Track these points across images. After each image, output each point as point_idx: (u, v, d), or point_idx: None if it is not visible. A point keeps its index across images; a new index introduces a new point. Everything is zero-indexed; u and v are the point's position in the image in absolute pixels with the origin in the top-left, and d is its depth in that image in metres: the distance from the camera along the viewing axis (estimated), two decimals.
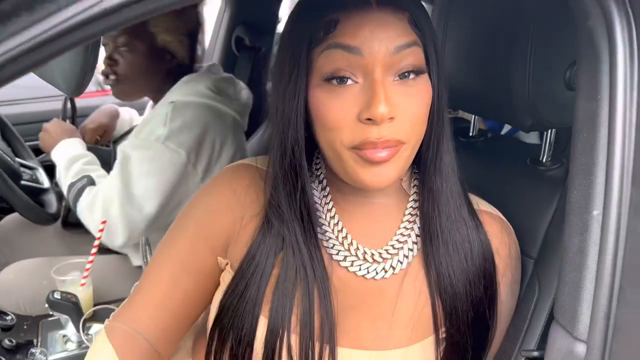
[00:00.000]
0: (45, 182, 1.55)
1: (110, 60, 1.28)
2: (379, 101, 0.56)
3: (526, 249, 0.78)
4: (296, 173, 0.65)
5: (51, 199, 1.51)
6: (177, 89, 1.28)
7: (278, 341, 0.66)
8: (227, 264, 0.73)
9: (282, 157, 0.65)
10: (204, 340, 0.78)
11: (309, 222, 0.67)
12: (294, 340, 0.66)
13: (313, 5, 0.62)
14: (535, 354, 0.63)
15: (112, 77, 1.29)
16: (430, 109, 0.63)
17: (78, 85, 0.80)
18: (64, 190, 1.29)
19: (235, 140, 1.31)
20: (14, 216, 1.64)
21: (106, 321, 0.77)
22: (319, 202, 0.70)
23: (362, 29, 0.58)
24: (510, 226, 0.76)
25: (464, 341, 0.70)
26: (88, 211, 1.21)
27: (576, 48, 0.58)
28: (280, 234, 0.67)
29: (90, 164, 1.30)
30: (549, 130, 0.81)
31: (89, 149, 1.41)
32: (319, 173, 0.71)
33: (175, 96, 1.26)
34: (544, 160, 0.83)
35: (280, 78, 0.64)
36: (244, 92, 1.42)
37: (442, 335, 0.70)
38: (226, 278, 0.72)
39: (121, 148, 1.24)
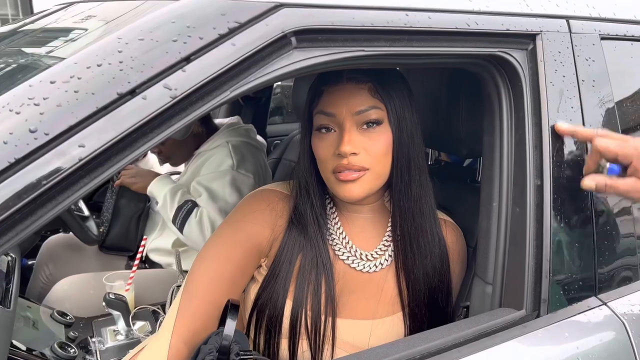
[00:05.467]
0: (86, 211, 1.86)
1: (155, 148, 1.70)
2: (344, 143, 0.88)
3: (468, 242, 1.10)
4: (308, 193, 0.97)
5: (92, 224, 1.82)
6: (223, 135, 1.74)
7: (298, 314, 0.93)
8: (264, 261, 0.99)
9: (299, 182, 0.98)
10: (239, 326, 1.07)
11: (318, 225, 0.97)
12: (309, 315, 0.94)
13: (310, 81, 0.97)
14: (467, 303, 0.96)
15: (161, 157, 1.82)
16: (393, 148, 0.92)
17: None
18: (171, 213, 1.61)
19: (266, 163, 1.85)
20: (57, 237, 1.95)
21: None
22: (328, 216, 1.00)
23: (336, 100, 0.91)
24: (459, 228, 1.08)
25: (421, 314, 0.99)
26: (199, 227, 1.55)
27: (483, 104, 0.94)
28: (301, 233, 0.96)
29: (187, 193, 1.66)
30: (480, 158, 1.16)
31: None
32: (326, 196, 1.02)
33: (224, 138, 1.71)
34: (478, 179, 1.17)
35: (300, 129, 0.98)
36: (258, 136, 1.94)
37: (407, 311, 0.99)
38: (258, 277, 0.99)
39: (198, 184, 1.64)
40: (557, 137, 0.86)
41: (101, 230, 1.88)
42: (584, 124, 0.90)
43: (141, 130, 0.58)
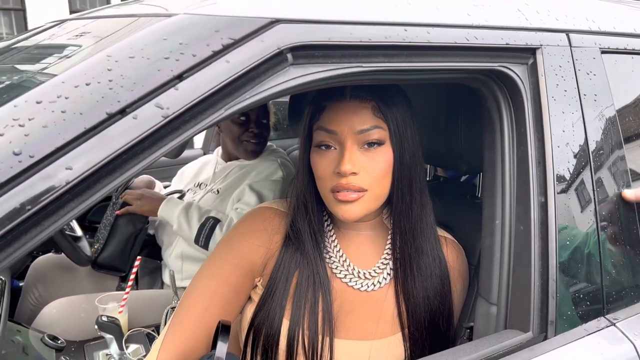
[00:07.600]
0: (78, 231, 1.82)
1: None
2: (345, 162, 0.86)
3: (469, 259, 1.08)
4: (306, 209, 0.95)
5: (84, 244, 1.78)
6: (269, 153, 1.88)
7: (295, 334, 0.90)
8: (259, 281, 0.97)
9: (297, 198, 0.96)
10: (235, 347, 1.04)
11: (316, 242, 0.94)
12: (306, 334, 0.91)
13: (312, 96, 0.95)
14: (471, 323, 0.93)
15: (256, 139, 1.82)
16: (393, 169, 0.90)
17: None
18: (191, 233, 1.60)
19: None
20: (46, 257, 1.90)
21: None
22: (325, 233, 0.98)
23: (338, 117, 0.88)
24: (460, 245, 1.05)
25: (422, 338, 0.96)
26: None
27: (483, 119, 0.92)
28: (298, 250, 0.94)
29: (201, 207, 1.65)
30: (480, 173, 1.14)
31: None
32: (324, 213, 0.99)
33: (274, 156, 1.86)
34: (478, 195, 1.15)
35: (299, 144, 0.96)
36: None
37: (407, 334, 0.96)
38: (255, 297, 0.96)
39: (250, 188, 1.67)
40: (561, 153, 0.84)
41: (95, 247, 1.85)
42: (586, 138, 0.88)
43: (132, 151, 0.56)
